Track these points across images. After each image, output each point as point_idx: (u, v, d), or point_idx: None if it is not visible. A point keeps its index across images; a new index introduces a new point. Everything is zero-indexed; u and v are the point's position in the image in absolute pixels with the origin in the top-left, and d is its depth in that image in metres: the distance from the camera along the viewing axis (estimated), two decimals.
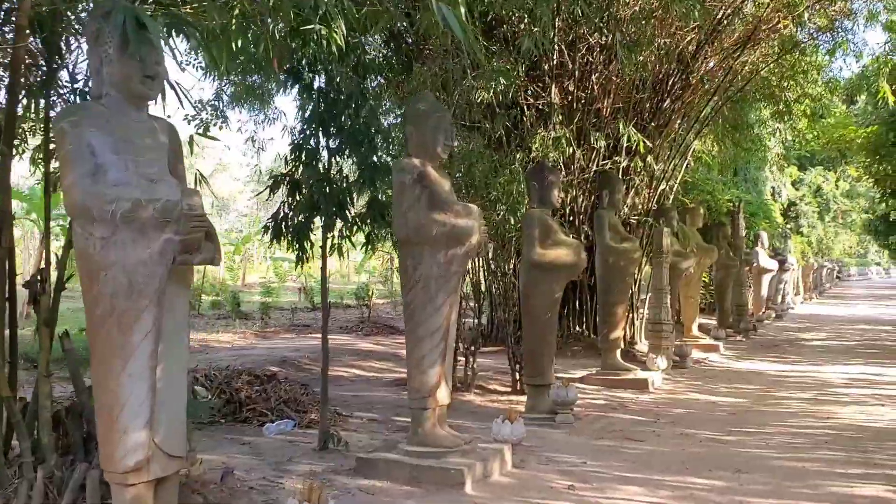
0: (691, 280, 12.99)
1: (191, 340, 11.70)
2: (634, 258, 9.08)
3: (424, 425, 5.14)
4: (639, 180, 11.96)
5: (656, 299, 10.13)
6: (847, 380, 10.18)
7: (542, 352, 7.07)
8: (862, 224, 35.69)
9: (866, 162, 16.14)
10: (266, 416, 6.48)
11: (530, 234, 7.01)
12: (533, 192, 7.21)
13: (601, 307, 9.26)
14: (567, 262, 6.99)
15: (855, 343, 15.32)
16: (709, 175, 17.22)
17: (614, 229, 9.08)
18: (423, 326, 5.08)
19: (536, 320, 7.06)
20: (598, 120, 11.21)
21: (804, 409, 8.03)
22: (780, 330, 18.10)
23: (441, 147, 5.20)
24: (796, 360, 12.42)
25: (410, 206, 5.02)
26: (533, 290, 7.06)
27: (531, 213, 7.12)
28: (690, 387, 9.38)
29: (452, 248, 5.03)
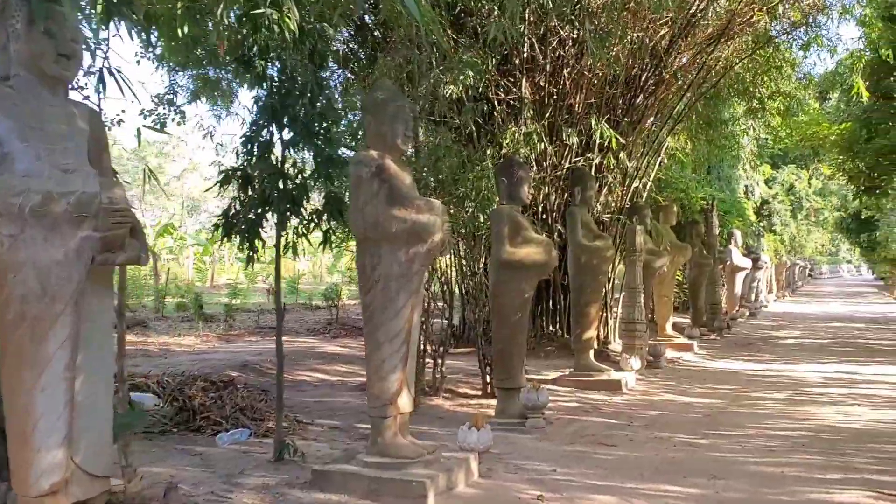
0: (665, 279, 12.80)
1: (152, 345, 11.35)
2: (607, 256, 8.85)
3: (385, 434, 4.84)
4: (612, 178, 11.75)
5: (630, 298, 9.91)
6: (823, 379, 10.03)
7: (513, 354, 6.80)
8: (834, 222, 35.94)
9: (839, 159, 16.07)
10: (220, 425, 6.14)
11: (499, 231, 6.74)
12: (502, 187, 6.94)
13: (573, 307, 9.01)
14: (537, 261, 6.72)
15: (829, 341, 15.25)
16: (682, 173, 17.07)
17: (587, 227, 8.84)
18: (382, 329, 4.78)
19: (506, 321, 6.79)
20: (571, 116, 10.99)
21: (780, 409, 7.84)
22: (754, 328, 18.02)
23: (401, 139, 4.91)
24: (771, 358, 12.28)
25: (368, 201, 4.72)
26: (502, 289, 6.78)
27: (500, 210, 6.85)
28: (664, 387, 9.17)
29: (414, 246, 4.73)
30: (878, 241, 31.82)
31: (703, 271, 15.33)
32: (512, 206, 6.90)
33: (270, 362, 9.42)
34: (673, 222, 13.15)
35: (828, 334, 16.84)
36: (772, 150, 28.70)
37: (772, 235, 28.29)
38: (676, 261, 12.82)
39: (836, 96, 20.68)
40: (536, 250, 6.74)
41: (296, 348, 10.74)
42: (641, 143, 12.31)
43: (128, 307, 16.27)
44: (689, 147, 16.05)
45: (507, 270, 6.74)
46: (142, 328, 13.08)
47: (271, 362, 9.47)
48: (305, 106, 5.26)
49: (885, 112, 14.32)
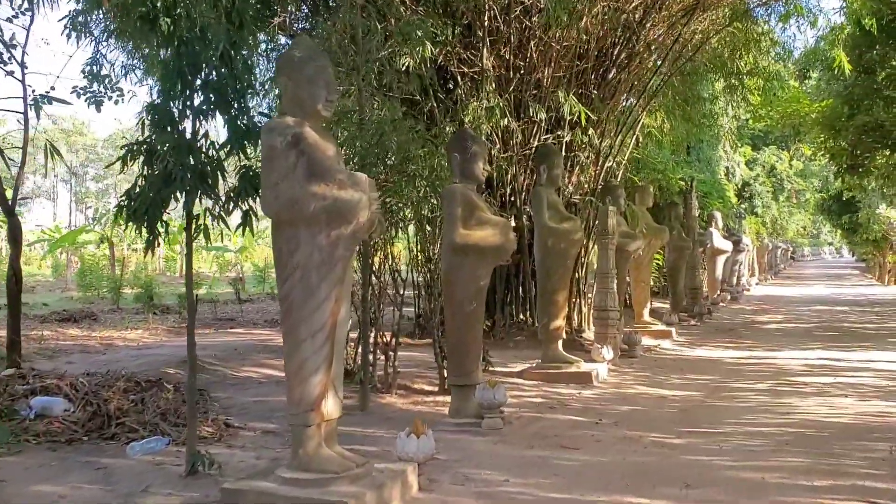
0: (642, 263, 12.21)
1: (94, 339, 10.62)
2: (575, 240, 8.22)
3: (307, 446, 4.19)
4: (584, 157, 11.12)
5: (601, 284, 9.30)
6: (806, 367, 9.48)
7: (467, 347, 6.16)
8: (815, 204, 35.57)
9: (821, 138, 15.53)
10: (137, 433, 5.47)
11: (451, 212, 6.09)
12: (454, 164, 6.28)
13: (540, 294, 8.39)
14: (493, 244, 6.08)
15: (812, 325, 14.76)
16: (660, 153, 16.47)
17: (554, 208, 8.20)
18: (303, 326, 4.12)
19: (459, 311, 6.15)
20: (539, 91, 10.34)
21: (762, 402, 7.26)
22: (735, 313, 17.52)
23: (322, 103, 4.23)
24: (752, 345, 11.74)
25: (283, 176, 4.05)
26: (455, 276, 6.14)
27: (452, 189, 6.19)
28: (639, 379, 8.57)
29: (336, 228, 4.07)
30: (859, 222, 31.45)
31: (682, 255, 14.77)
32: (466, 185, 6.25)
33: (217, 357, 8.76)
34: (649, 204, 12.55)
35: (811, 318, 16.35)
36: (752, 131, 28.27)
37: (753, 218, 27.83)
38: (653, 244, 12.23)
39: (816, 75, 20.18)
40: (492, 233, 6.10)
41: (249, 341, 10.07)
42: (615, 121, 11.68)
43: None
44: (667, 127, 15.47)
45: (460, 255, 6.10)
46: (90, 321, 12.35)
47: (217, 357, 8.81)
48: (217, 68, 4.57)
49: (868, 87, 13.78)
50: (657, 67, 11.54)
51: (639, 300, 12.43)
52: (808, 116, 15.61)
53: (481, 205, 6.24)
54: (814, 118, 15.39)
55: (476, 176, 6.28)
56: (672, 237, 14.33)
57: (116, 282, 15.38)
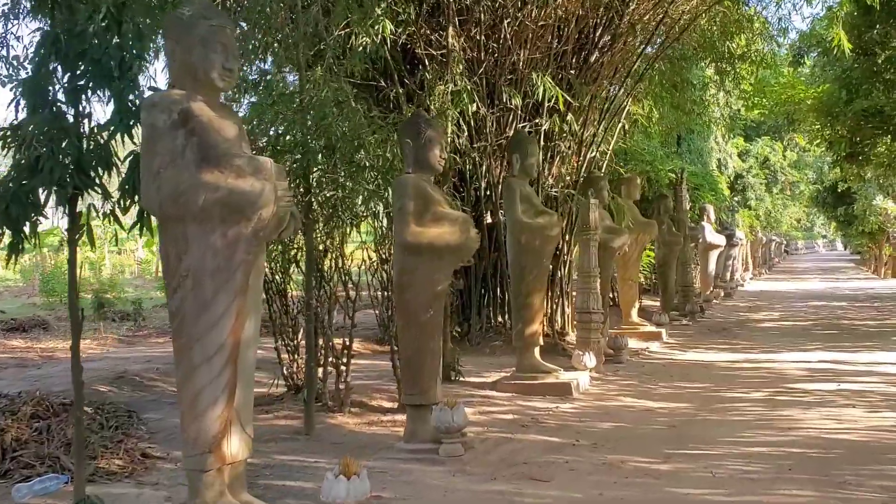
0: (629, 260, 11.45)
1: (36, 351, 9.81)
2: (552, 236, 7.44)
3: (204, 495, 3.40)
4: (564, 146, 10.33)
5: (583, 284, 8.52)
6: (806, 371, 8.73)
7: (423, 361, 5.37)
8: (809, 196, 34.89)
9: (817, 125, 14.78)
10: (34, 468, 4.67)
11: (403, 207, 5.30)
12: (407, 151, 5.50)
13: (514, 296, 7.61)
14: (451, 243, 5.29)
15: (810, 323, 14.02)
16: (649, 144, 15.70)
17: (527, 201, 7.42)
18: (197, 347, 3.34)
19: (414, 320, 5.36)
20: (514, 75, 9.54)
21: (759, 415, 6.50)
22: (729, 310, 16.78)
23: (218, 71, 3.45)
24: (748, 346, 10.99)
25: (167, 162, 3.28)
26: (408, 280, 5.35)
27: (403, 181, 5.40)
28: (624, 389, 7.80)
29: (233, 226, 3.29)
30: (855, 214, 30.75)
31: (672, 250, 14.00)
32: (420, 175, 5.45)
33: (157, 371, 7.95)
34: (636, 196, 11.78)
35: (809, 315, 15.62)
36: (744, 122, 27.51)
37: (746, 211, 27.10)
38: (641, 239, 11.45)
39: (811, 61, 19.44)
40: (450, 230, 5.31)
41: None
42: (598, 108, 10.89)
43: None
44: (655, 115, 14.71)
45: (413, 256, 5.31)
46: (40, 330, 11.52)
47: (160, 371, 8.00)
48: (99, 37, 3.77)
49: (867, 70, 13.03)
50: (642, 49, 10.75)
51: (626, 300, 11.66)
52: (804, 103, 14.85)
53: (438, 198, 5.45)
54: (809, 104, 14.64)
55: (431, 165, 5.49)
56: (662, 232, 13.57)
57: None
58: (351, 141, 5.80)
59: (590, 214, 8.51)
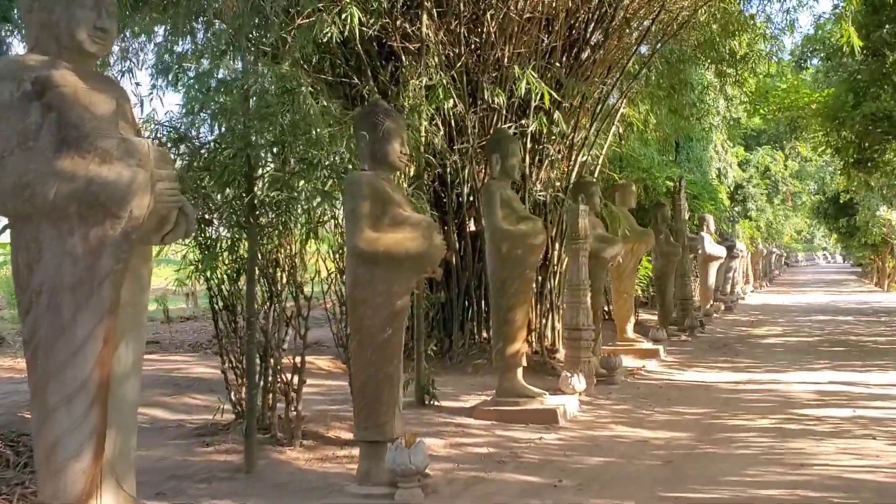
0: (624, 271, 10.70)
1: None
2: (535, 244, 6.68)
3: None
4: (553, 150, 9.61)
5: (572, 298, 7.78)
6: (816, 394, 7.97)
7: (379, 390, 4.61)
8: (811, 207, 34.20)
9: (823, 130, 14.06)
10: None
11: (355, 209, 4.55)
12: (362, 146, 4.76)
13: (494, 312, 6.86)
14: (412, 251, 4.54)
15: (816, 339, 13.26)
16: (646, 151, 14.99)
17: (508, 206, 6.68)
18: (53, 384, 2.59)
19: (369, 341, 4.60)
20: (499, 73, 8.83)
21: (767, 448, 5.74)
22: (730, 325, 16.02)
23: (88, 31, 2.72)
24: (751, 364, 10.23)
25: (14, 146, 2.53)
26: (362, 294, 4.59)
27: (356, 179, 4.66)
28: (616, 415, 7.04)
29: (95, 226, 2.55)
30: (857, 225, 30.02)
31: (670, 261, 13.26)
32: (378, 173, 4.72)
33: None
34: (632, 204, 11.05)
35: (813, 330, 14.86)
36: (745, 131, 26.88)
37: (746, 222, 26.39)
38: (637, 250, 10.71)
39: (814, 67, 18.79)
40: (411, 235, 4.56)
41: (155, 372, 8.47)
42: (590, 110, 10.18)
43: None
44: (652, 121, 14.01)
45: (368, 266, 4.56)
46: None
47: None
48: None
49: (875, 72, 12.33)
50: (637, 46, 10.05)
51: (621, 314, 10.91)
52: (808, 108, 14.14)
53: (398, 199, 4.70)
54: (814, 109, 13.92)
55: (390, 161, 4.75)
56: (659, 242, 12.84)
57: None
58: (302, 135, 5.06)
59: (579, 221, 7.78)
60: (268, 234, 5.16)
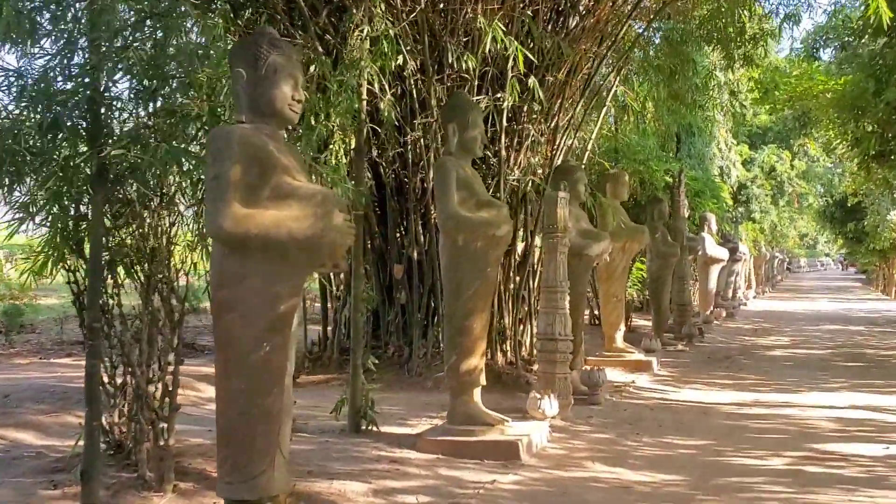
0: (614, 272, 9.39)
1: None
2: (498, 236, 5.37)
3: None
4: (535, 130, 8.31)
5: (547, 302, 6.47)
6: (838, 423, 6.68)
7: (251, 431, 3.31)
8: (817, 211, 32.92)
9: (840, 121, 12.73)
10: None
11: (220, 175, 3.24)
12: (239, 88, 3.47)
13: (447, 319, 5.55)
14: (298, 236, 3.24)
15: (828, 352, 11.96)
16: (642, 142, 13.69)
17: (467, 188, 5.38)
18: None
19: (237, 362, 3.30)
20: (469, 37, 7.54)
21: (784, 500, 4.45)
22: (732, 333, 14.71)
23: None
24: (757, 382, 8.93)
25: None
26: (229, 295, 3.29)
27: (223, 134, 3.35)
28: (595, 447, 5.72)
29: None
30: (865, 230, 28.73)
31: (667, 263, 11.95)
32: (258, 127, 3.42)
33: None
34: (624, 196, 9.72)
35: (824, 341, 13.56)
36: (749, 129, 25.62)
37: (750, 224, 25.06)
38: (629, 248, 9.38)
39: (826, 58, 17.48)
40: (298, 213, 3.27)
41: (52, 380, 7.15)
42: (578, 87, 8.87)
43: None
44: (650, 108, 12.72)
45: (238, 256, 3.27)
46: None
47: None
48: None
49: None
50: (632, 12, 8.75)
51: (610, 321, 9.59)
52: (822, 97, 12.82)
53: (286, 163, 3.39)
54: (829, 98, 12.60)
55: (277, 110, 3.45)
56: (655, 241, 11.55)
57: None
58: (171, 77, 3.76)
59: (557, 211, 6.46)
60: (123, 212, 3.85)
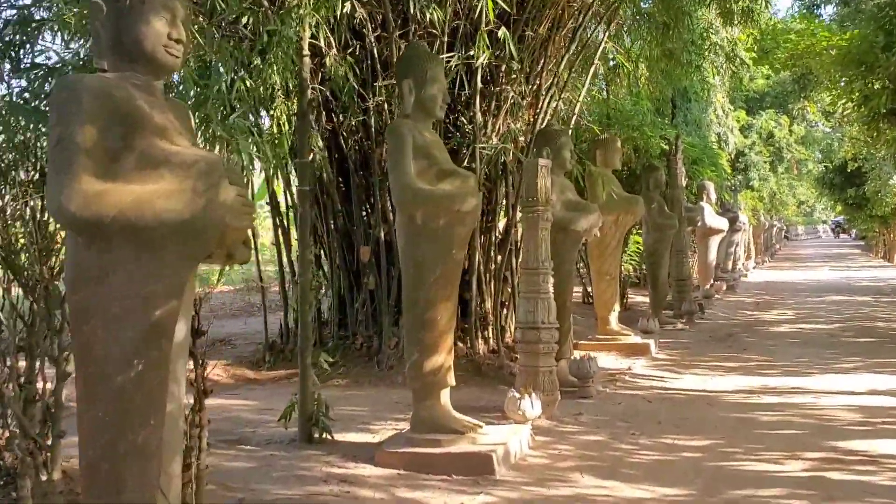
0: (606, 248, 8.60)
1: None
2: (464, 213, 4.55)
3: None
4: (515, 92, 7.47)
5: (527, 285, 5.69)
6: (860, 413, 5.92)
7: (119, 472, 2.52)
8: (815, 177, 32.09)
9: (847, 79, 11.84)
10: None
11: (65, 139, 2.43)
12: (98, 33, 2.64)
13: (406, 309, 4.75)
14: (170, 218, 2.43)
15: (836, 326, 11.21)
16: (635, 108, 12.82)
17: (425, 156, 4.56)
18: None
19: (101, 383, 2.50)
20: None
21: None
22: (733, 308, 13.95)
23: None
24: (765, 363, 8.17)
25: None
26: (87, 298, 2.49)
27: (71, 87, 2.52)
28: (584, 453, 4.93)
29: None
30: (866, 196, 27.93)
31: (664, 235, 11.15)
32: (123, 76, 2.60)
33: None
34: (617, 165, 8.90)
35: (830, 314, 12.82)
36: (747, 94, 24.72)
37: (749, 192, 24.23)
38: (622, 221, 8.57)
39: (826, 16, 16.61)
40: (172, 188, 2.46)
41: None
42: (563, 44, 8.02)
43: None
44: (643, 72, 11.84)
45: (97, 244, 2.46)
46: None
47: None
48: None
49: None
50: None
51: (603, 301, 8.81)
52: (827, 54, 11.95)
53: (160, 122, 2.57)
54: (834, 55, 11.73)
55: (147, 52, 2.63)
56: (651, 212, 10.76)
57: None
58: None
59: (537, 181, 5.65)
60: None
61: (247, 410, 5.82)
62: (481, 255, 7.61)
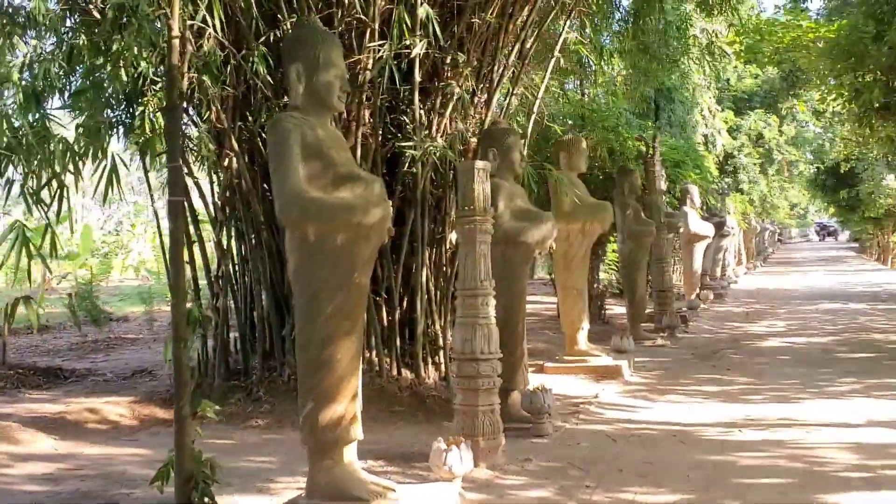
0: (572, 260, 7.75)
1: None
2: (367, 225, 3.65)
3: None
4: (462, 87, 6.60)
5: (464, 309, 4.81)
6: (855, 450, 5.07)
7: None
8: (807, 179, 31.37)
9: (836, 72, 11.00)
10: None
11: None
12: None
13: (298, 349, 3.86)
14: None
15: (831, 339, 10.36)
16: (610, 107, 12.00)
17: (317, 156, 3.66)
18: None
19: None
20: None
21: None
22: (720, 320, 13.09)
23: None
24: (750, 386, 7.33)
25: None
26: None
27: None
28: None
29: None
30: (860, 198, 27.18)
31: (641, 244, 10.30)
32: None
33: None
34: (583, 168, 8.04)
35: (823, 325, 11.98)
36: (734, 94, 24.00)
37: (738, 195, 23.45)
38: (589, 230, 7.70)
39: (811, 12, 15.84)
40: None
41: None
42: (514, 34, 7.17)
43: None
44: (617, 66, 11.06)
45: None
46: None
47: None
48: None
49: None
50: None
51: (570, 320, 7.93)
52: (814, 46, 11.13)
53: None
54: (823, 47, 10.91)
55: None
56: (626, 219, 9.92)
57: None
58: None
59: (474, 186, 4.79)
60: None
61: (136, 463, 4.93)
62: (430, 270, 6.76)
